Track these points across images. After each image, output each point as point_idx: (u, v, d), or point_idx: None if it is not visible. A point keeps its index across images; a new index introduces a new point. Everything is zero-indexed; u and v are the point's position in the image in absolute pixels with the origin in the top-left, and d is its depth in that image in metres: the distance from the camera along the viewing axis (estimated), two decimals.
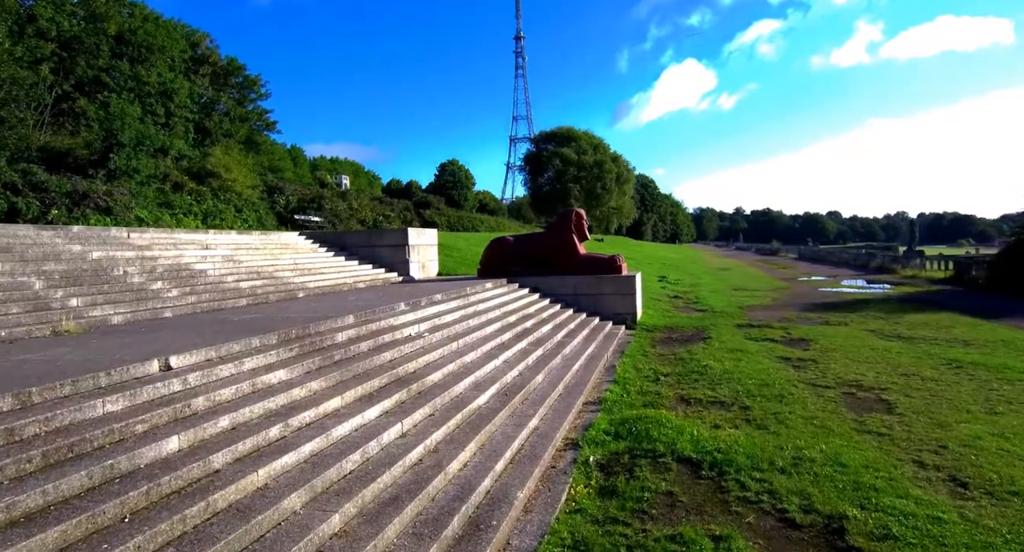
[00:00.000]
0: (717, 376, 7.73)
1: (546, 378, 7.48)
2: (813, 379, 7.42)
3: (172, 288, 8.52)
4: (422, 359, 6.52)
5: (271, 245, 12.94)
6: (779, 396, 6.59)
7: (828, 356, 8.80)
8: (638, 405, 6.69)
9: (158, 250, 9.90)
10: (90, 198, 19.28)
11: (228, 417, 4.07)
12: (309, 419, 4.46)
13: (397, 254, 14.42)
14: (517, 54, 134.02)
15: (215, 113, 37.94)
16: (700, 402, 6.59)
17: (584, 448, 5.33)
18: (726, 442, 5.08)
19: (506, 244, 14.32)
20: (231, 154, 34.53)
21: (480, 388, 6.26)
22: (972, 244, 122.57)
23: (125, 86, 32.74)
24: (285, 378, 5.02)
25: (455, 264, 17.53)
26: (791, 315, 13.83)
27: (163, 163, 29.15)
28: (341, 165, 79.11)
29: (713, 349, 9.65)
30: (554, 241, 14.03)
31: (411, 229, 14.46)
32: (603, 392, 7.39)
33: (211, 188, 29.32)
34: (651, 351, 10.06)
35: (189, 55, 38.06)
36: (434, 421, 5.13)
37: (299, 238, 14.39)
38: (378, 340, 6.65)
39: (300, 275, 11.38)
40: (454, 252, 19.57)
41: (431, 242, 15.79)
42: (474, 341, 8.00)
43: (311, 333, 6.21)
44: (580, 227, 14.12)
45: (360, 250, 14.58)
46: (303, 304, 8.78)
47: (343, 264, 13.51)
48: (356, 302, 8.89)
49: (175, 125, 34.06)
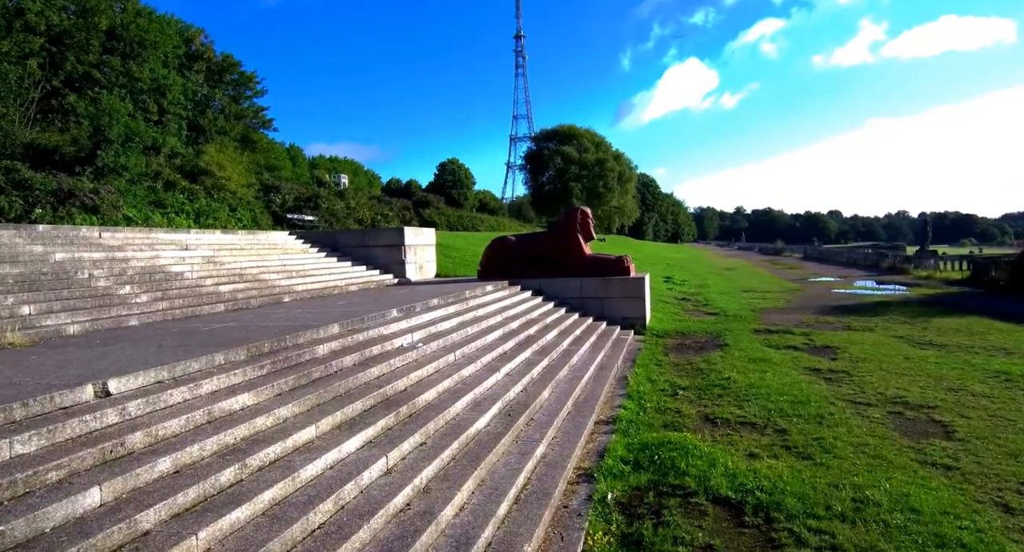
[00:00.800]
0: (742, 391, 6.97)
1: (553, 393, 6.73)
2: (851, 395, 6.67)
3: (142, 293, 7.76)
4: (414, 374, 5.77)
5: (258, 245, 12.18)
6: (817, 417, 5.84)
7: (861, 367, 8.04)
8: (657, 426, 5.94)
9: (131, 251, 9.15)
10: (76, 196, 18.54)
11: (171, 458, 3.32)
12: (274, 456, 3.70)
13: (393, 255, 13.67)
14: (517, 53, 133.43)
15: (209, 110, 37.19)
16: (728, 423, 5.84)
17: (600, 481, 4.58)
18: (768, 477, 4.33)
19: (508, 244, 13.57)
20: (225, 152, 33.81)
21: (480, 408, 5.50)
22: (974, 244, 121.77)
23: (116, 82, 31.98)
24: (250, 403, 4.26)
25: (454, 265, 16.77)
26: (809, 319, 13.07)
27: (155, 161, 28.43)
28: (340, 164, 78.43)
29: (732, 358, 8.89)
30: (558, 241, 13.28)
31: (407, 228, 13.71)
32: (616, 409, 6.64)
33: (204, 186, 28.62)
34: (664, 360, 9.31)
35: (183, 51, 37.32)
36: (426, 452, 4.38)
37: (289, 238, 13.64)
38: (365, 353, 5.89)
39: (287, 277, 10.62)
40: (453, 252, 18.82)
41: (429, 242, 15.04)
42: (473, 352, 7.25)
43: (287, 346, 5.46)
44: (586, 226, 13.37)
45: (354, 250, 13.83)
46: (286, 310, 8.03)
47: (335, 265, 12.76)
48: (345, 308, 8.15)
49: (168, 122, 33.29)
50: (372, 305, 8.43)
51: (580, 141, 49.38)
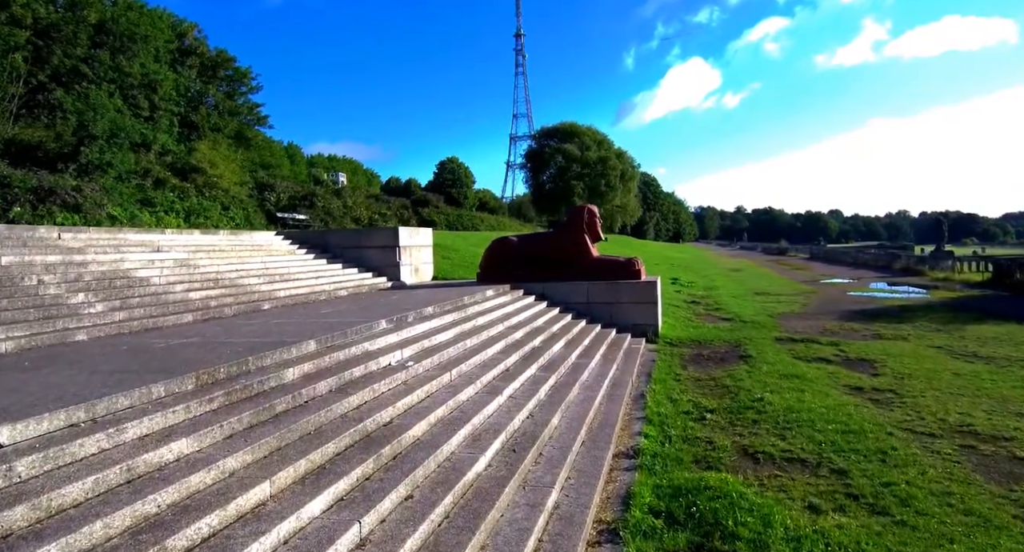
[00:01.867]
0: (780, 415, 6.08)
1: (564, 418, 5.85)
2: (908, 422, 5.78)
3: (97, 302, 6.87)
4: (403, 402, 4.88)
5: (240, 246, 11.29)
6: (878, 452, 4.95)
7: (908, 386, 7.15)
8: (687, 460, 5.05)
9: (93, 253, 8.25)
10: (57, 194, 17.67)
11: (59, 545, 2.43)
12: (206, 532, 2.81)
13: (387, 256, 12.78)
14: (517, 52, 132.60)
15: (203, 106, 36.30)
16: (772, 460, 4.95)
17: (628, 543, 3.70)
18: (844, 545, 3.44)
19: (509, 245, 12.68)
20: (219, 149, 32.95)
21: (480, 443, 4.62)
22: (976, 243, 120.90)
23: (105, 77, 31.05)
24: (188, 451, 3.37)
25: (452, 267, 15.89)
26: (832, 326, 12.18)
27: (145, 158, 27.57)
28: (339, 163, 77.64)
29: (760, 373, 8.00)
30: (564, 242, 12.39)
31: (402, 228, 12.81)
32: (637, 436, 5.77)
33: (195, 185, 27.79)
34: (683, 374, 8.42)
35: (175, 46, 36.42)
36: (412, 511, 3.49)
37: (275, 238, 12.74)
38: (344, 376, 5.01)
39: (269, 282, 9.73)
40: (452, 253, 17.93)
41: (426, 243, 14.15)
42: (472, 369, 6.36)
43: (249, 370, 4.57)
44: (593, 226, 12.48)
45: (346, 252, 12.94)
46: (263, 320, 7.13)
47: (324, 268, 11.86)
48: (328, 318, 7.25)
49: (159, 119, 32.39)
50: (360, 314, 7.54)
51: (582, 139, 48.45)
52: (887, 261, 30.56)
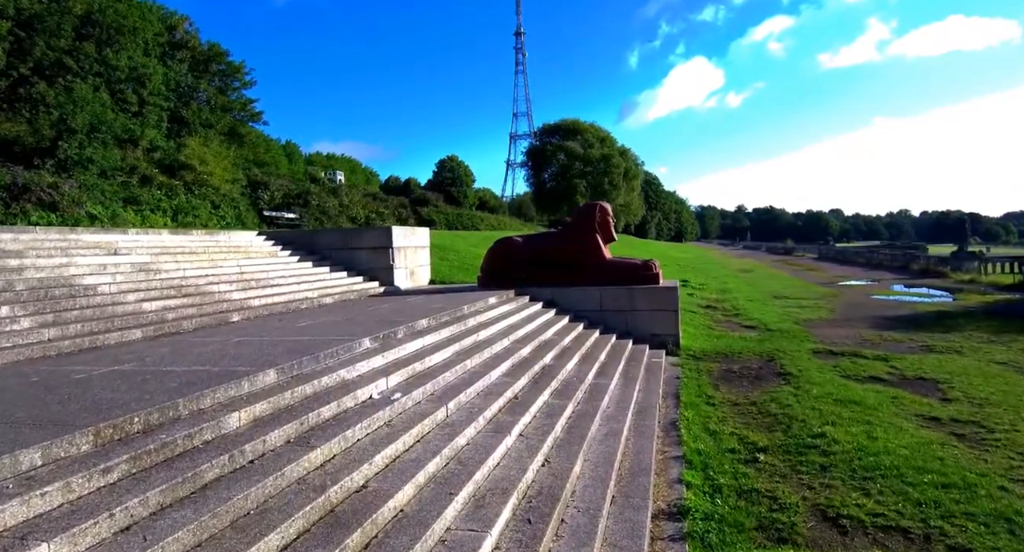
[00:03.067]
0: (853, 458, 4.95)
1: (587, 463, 4.72)
2: (1018, 470, 4.64)
3: (24, 316, 5.74)
4: (384, 453, 3.75)
5: (215, 248, 10.15)
6: (1001, 519, 3.82)
7: (992, 416, 6.02)
8: (748, 526, 3.93)
9: (33, 257, 7.11)
10: (32, 191, 16.59)
11: None
12: None
13: (379, 259, 11.64)
14: (517, 50, 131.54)
15: (194, 102, 35.14)
16: (864, 529, 3.82)
17: None
18: None
19: (514, 246, 11.54)
20: (210, 146, 31.88)
21: (484, 513, 3.49)
22: (979, 243, 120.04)
23: (91, 70, 29.89)
24: None
25: (451, 269, 14.75)
26: (870, 335, 11.05)
27: (132, 155, 26.49)
28: (337, 161, 76.57)
29: (810, 398, 6.86)
30: (573, 243, 11.25)
31: (395, 228, 11.67)
32: (678, 485, 4.65)
33: (184, 182, 26.71)
34: (716, 395, 7.30)
35: (165, 39, 35.23)
36: None
37: (256, 239, 11.60)
38: (309, 420, 3.87)
39: (244, 289, 8.59)
40: (450, 254, 16.79)
41: (422, 244, 13.00)
42: (474, 399, 5.23)
43: (179, 416, 3.43)
44: (606, 226, 11.35)
45: (334, 254, 11.80)
46: (223, 338, 6.00)
47: (308, 272, 10.72)
48: (303, 334, 6.12)
49: (148, 114, 31.25)
50: (342, 328, 6.41)
51: (584, 136, 47.28)
52: (904, 262, 29.40)
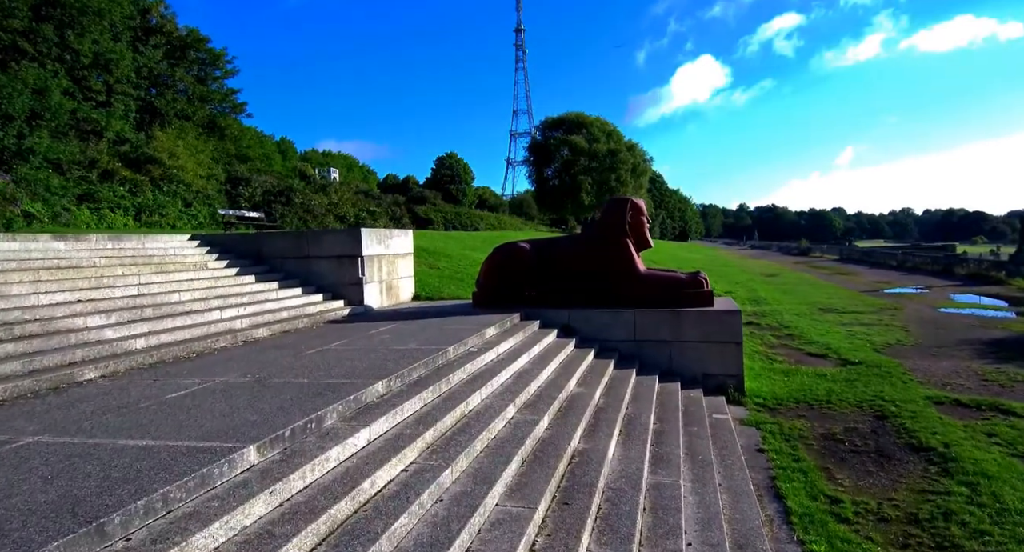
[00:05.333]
0: None
1: None
2: None
3: None
4: None
5: (119, 258, 7.45)
6: None
7: None
8: None
9: None
10: None
11: None
12: None
13: (344, 270, 8.96)
14: (517, 47, 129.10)
15: (169, 91, 32.35)
16: None
17: None
18: None
19: (519, 254, 8.85)
20: (185, 138, 29.18)
21: None
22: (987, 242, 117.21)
23: (50, 54, 27.04)
24: None
25: (441, 280, 12.03)
26: (985, 370, 8.39)
27: (95, 147, 23.81)
28: (333, 158, 74.13)
29: (995, 503, 4.19)
30: (597, 250, 8.57)
31: (366, 230, 8.96)
32: None
33: (151, 177, 24.01)
34: (841, 497, 4.67)
35: (138, 23, 32.36)
36: None
37: (187, 245, 8.89)
38: None
39: (131, 322, 5.89)
40: (441, 261, 14.06)
41: (403, 250, 10.31)
42: None
43: None
44: (639, 227, 8.68)
45: (286, 263, 9.13)
46: (23, 426, 3.31)
47: (245, 290, 8.01)
48: (133, 433, 3.43)
49: (116, 103, 28.46)
50: (224, 409, 3.72)
51: (590, 130, 44.47)
52: (944, 265, 26.65)
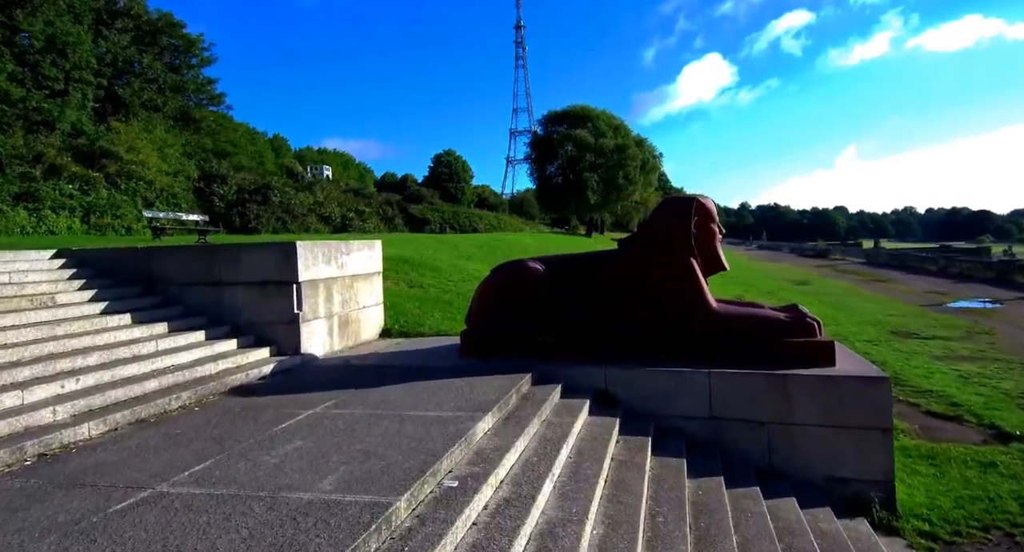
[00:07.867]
0: None
1: None
2: None
3: None
4: None
5: None
6: None
7: None
8: None
9: None
10: None
11: None
12: None
13: (271, 302, 6.08)
14: (517, 44, 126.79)
15: (136, 79, 29.35)
16: None
17: None
18: None
19: (529, 278, 5.94)
20: (153, 131, 26.27)
21: None
22: (993, 241, 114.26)
23: None
24: None
25: (423, 306, 9.09)
26: None
27: (42, 140, 20.94)
28: (329, 156, 71.46)
29: None
30: (645, 271, 5.68)
31: (301, 243, 5.97)
32: None
33: (106, 174, 21.10)
34: None
35: (101, 4, 29.31)
36: None
37: (43, 264, 6.00)
38: None
39: None
40: (428, 275, 11.11)
41: (366, 269, 7.42)
42: None
43: None
44: (709, 240, 5.79)
45: (188, 293, 6.24)
46: None
47: (106, 339, 5.13)
48: None
49: (73, 91, 25.49)
50: None
51: (596, 124, 41.57)
52: (1000, 270, 23.75)
